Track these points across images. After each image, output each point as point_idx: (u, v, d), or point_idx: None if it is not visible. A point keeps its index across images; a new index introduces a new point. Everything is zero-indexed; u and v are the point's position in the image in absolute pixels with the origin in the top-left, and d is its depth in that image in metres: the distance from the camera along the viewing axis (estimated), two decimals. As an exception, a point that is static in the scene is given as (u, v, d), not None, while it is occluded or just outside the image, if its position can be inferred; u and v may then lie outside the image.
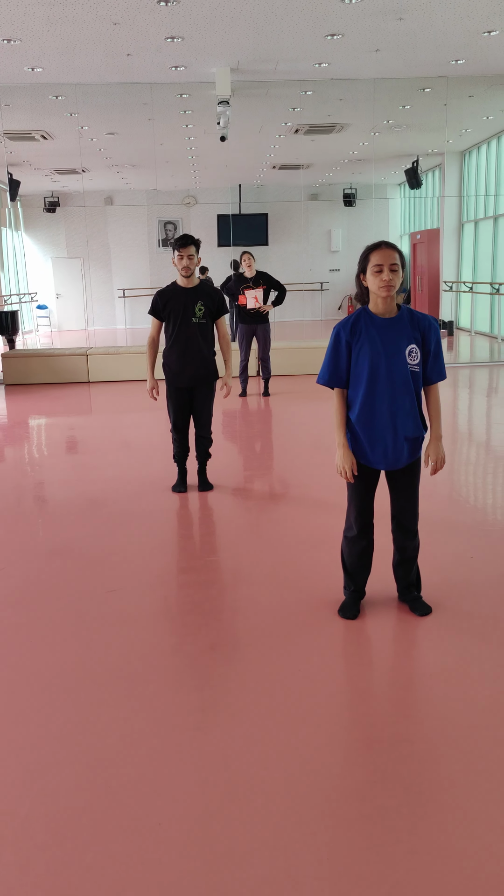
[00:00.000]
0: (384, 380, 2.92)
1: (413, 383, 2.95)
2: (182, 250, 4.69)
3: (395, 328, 2.93)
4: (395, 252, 2.86)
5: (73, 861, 1.91)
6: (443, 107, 11.07)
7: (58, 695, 2.68)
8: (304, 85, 9.83)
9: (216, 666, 2.84)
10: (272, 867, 1.87)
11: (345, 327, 2.96)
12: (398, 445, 2.97)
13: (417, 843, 1.93)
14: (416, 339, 2.95)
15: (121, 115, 10.86)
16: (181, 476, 5.13)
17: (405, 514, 3.12)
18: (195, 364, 4.83)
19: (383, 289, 2.86)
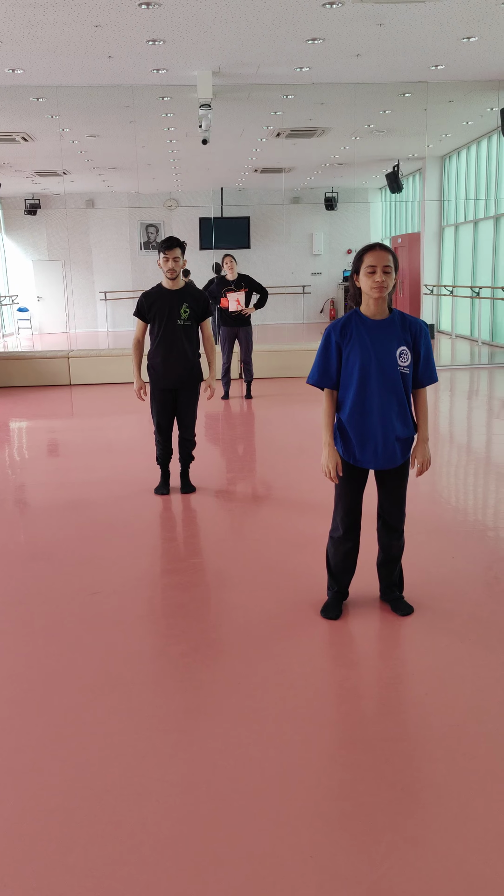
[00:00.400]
0: (374, 381, 2.94)
1: (402, 385, 2.98)
2: (167, 252, 4.69)
3: (386, 330, 2.96)
4: (388, 254, 2.89)
5: (56, 862, 1.91)
6: (423, 112, 11.16)
7: (41, 697, 2.67)
8: (285, 89, 9.87)
9: (200, 667, 2.84)
10: (256, 866, 1.88)
11: (335, 329, 2.98)
12: (388, 445, 3.00)
13: (399, 840, 1.95)
14: (407, 341, 2.98)
15: (102, 117, 10.84)
16: (164, 478, 5.13)
17: (392, 514, 3.14)
18: (180, 366, 4.84)
19: (375, 289, 2.89)
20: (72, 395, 9.69)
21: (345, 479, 3.07)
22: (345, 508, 3.12)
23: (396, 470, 3.09)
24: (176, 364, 4.82)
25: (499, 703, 2.54)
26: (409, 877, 1.83)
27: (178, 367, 4.84)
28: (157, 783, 2.20)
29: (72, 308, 18.77)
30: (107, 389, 9.88)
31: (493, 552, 3.89)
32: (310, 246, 19.32)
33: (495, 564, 3.73)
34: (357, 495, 3.11)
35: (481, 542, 4.03)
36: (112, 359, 10.45)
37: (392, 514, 3.15)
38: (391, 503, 3.14)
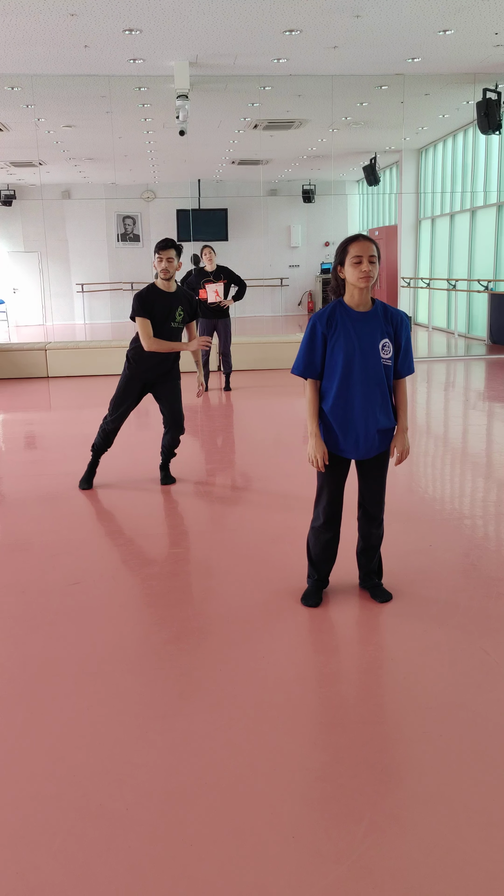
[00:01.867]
0: (358, 372, 2.97)
1: (385, 377, 3.02)
2: (161, 253, 4.72)
3: (369, 322, 2.99)
4: (372, 244, 2.93)
5: (40, 847, 1.92)
6: (400, 104, 11.21)
7: (23, 687, 2.68)
8: (262, 80, 9.86)
9: (182, 655, 2.86)
10: (239, 846, 1.91)
11: (321, 319, 3.00)
12: (370, 436, 3.03)
13: (379, 818, 1.99)
14: (389, 333, 3.02)
15: (78, 107, 10.76)
16: (92, 470, 5.10)
17: (372, 504, 3.18)
18: (167, 363, 4.92)
19: (363, 279, 2.91)
20: (49, 387, 9.64)
21: (328, 470, 3.11)
22: (327, 498, 3.15)
23: (377, 460, 3.13)
24: (165, 362, 4.89)
25: (475, 685, 2.59)
26: (389, 854, 1.87)
27: (166, 364, 4.90)
28: (140, 769, 2.22)
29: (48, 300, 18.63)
30: (84, 382, 9.83)
31: (470, 540, 3.95)
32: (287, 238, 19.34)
33: (472, 552, 3.79)
34: (339, 485, 3.14)
35: (458, 531, 4.09)
36: (90, 351, 10.40)
37: (372, 504, 3.19)
38: (372, 493, 3.18)
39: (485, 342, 12.82)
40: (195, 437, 6.66)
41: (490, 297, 12.49)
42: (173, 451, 5.16)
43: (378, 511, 3.20)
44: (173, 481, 5.14)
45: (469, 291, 13.38)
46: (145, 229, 18.87)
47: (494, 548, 3.86)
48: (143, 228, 18.88)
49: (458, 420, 7.05)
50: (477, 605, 3.21)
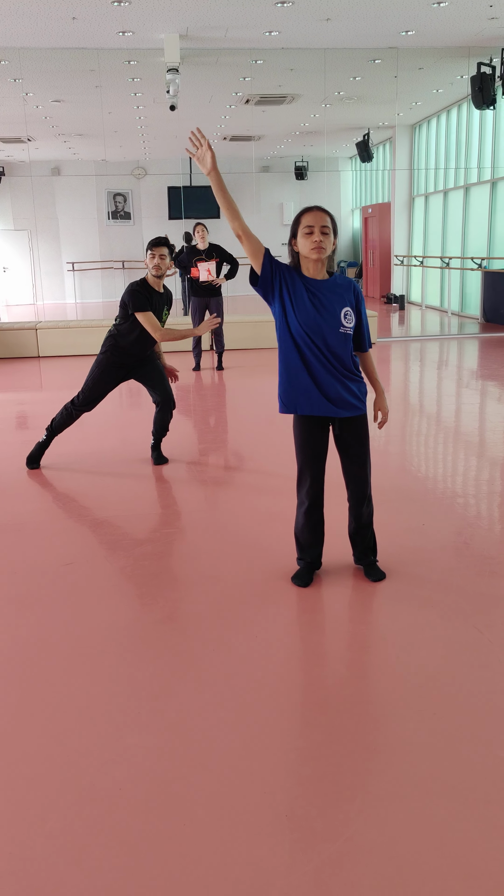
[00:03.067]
0: (320, 342, 2.93)
1: (346, 346, 2.99)
2: (155, 249, 4.70)
3: (331, 290, 2.96)
4: (326, 215, 2.88)
5: (33, 827, 1.92)
6: (393, 79, 11.07)
7: (16, 667, 2.67)
8: (254, 54, 9.71)
9: (174, 636, 2.86)
10: (232, 826, 1.91)
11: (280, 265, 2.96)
12: (340, 396, 2.98)
13: (373, 798, 1.99)
14: (351, 302, 2.99)
15: (67, 81, 10.58)
16: (43, 449, 5.06)
17: (358, 480, 3.15)
18: (146, 350, 4.92)
19: (314, 251, 2.86)
20: (40, 367, 9.57)
21: (306, 447, 3.07)
22: (310, 480, 3.12)
23: (354, 431, 3.08)
24: (144, 349, 4.90)
25: (466, 664, 2.60)
26: (382, 832, 1.87)
27: (145, 352, 4.92)
28: (134, 749, 2.22)
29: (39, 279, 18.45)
30: (76, 361, 9.76)
31: (463, 518, 3.95)
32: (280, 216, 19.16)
33: (465, 530, 3.79)
34: (320, 466, 3.11)
35: (451, 509, 4.09)
36: (81, 330, 10.32)
37: (358, 480, 3.15)
38: (357, 468, 3.13)
39: (478, 320, 12.78)
40: (188, 416, 6.63)
41: (483, 275, 12.43)
42: (166, 429, 5.13)
43: (365, 488, 3.17)
44: (166, 461, 5.12)
45: (462, 269, 13.32)
46: (136, 207, 18.67)
47: (487, 526, 3.86)
48: (134, 206, 18.68)
49: (451, 399, 7.04)
50: (469, 583, 3.21)
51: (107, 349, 4.85)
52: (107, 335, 4.88)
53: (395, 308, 15.37)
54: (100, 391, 4.89)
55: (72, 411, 4.93)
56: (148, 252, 4.73)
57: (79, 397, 4.90)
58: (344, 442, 3.12)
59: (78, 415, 4.95)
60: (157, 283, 4.77)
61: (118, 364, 4.86)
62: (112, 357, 4.84)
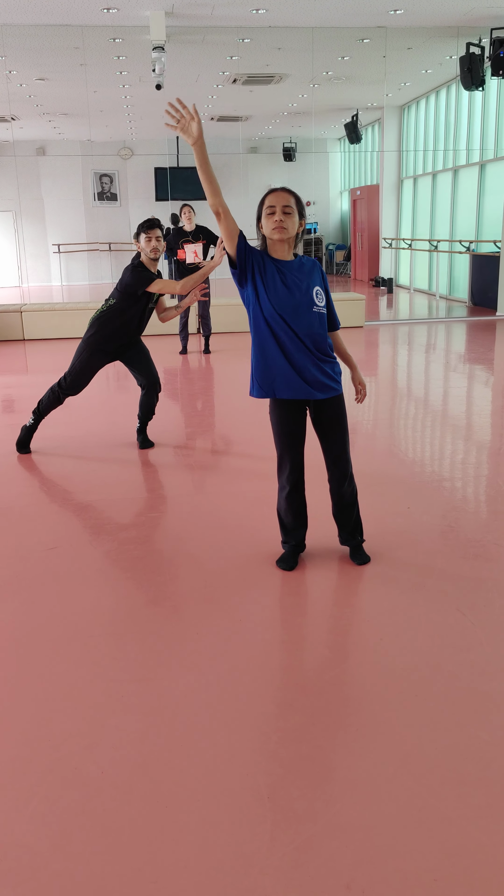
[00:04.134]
0: (294, 322, 2.90)
1: (322, 325, 2.97)
2: (150, 232, 4.62)
3: (299, 270, 2.94)
4: (290, 196, 2.86)
5: (14, 810, 1.92)
6: (382, 59, 10.97)
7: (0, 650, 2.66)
8: (241, 32, 9.58)
9: (158, 619, 2.85)
10: (214, 808, 1.92)
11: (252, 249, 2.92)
12: (314, 373, 2.96)
13: (354, 779, 2.00)
14: (319, 282, 2.98)
15: (51, 59, 10.41)
16: (31, 432, 5.02)
17: (339, 460, 3.13)
18: (135, 336, 4.89)
19: (276, 230, 2.84)
20: (25, 350, 9.49)
21: (284, 432, 3.07)
22: (290, 465, 3.11)
23: (334, 412, 3.07)
24: (130, 337, 4.86)
25: (450, 646, 2.61)
26: (363, 813, 1.89)
27: (134, 337, 4.88)
28: (116, 731, 2.22)
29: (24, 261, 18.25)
30: (61, 344, 9.68)
31: (448, 502, 3.96)
32: (268, 198, 19.01)
33: (449, 514, 3.80)
34: (298, 450, 3.10)
35: (437, 493, 4.10)
36: (67, 313, 10.23)
37: (339, 461, 3.13)
38: (337, 448, 3.11)
39: (466, 304, 12.77)
40: (174, 400, 6.60)
41: (471, 258, 12.41)
42: (152, 412, 5.10)
43: (346, 467, 3.15)
44: (151, 445, 5.10)
45: (451, 252, 13.29)
46: (123, 188, 18.47)
47: (473, 510, 3.88)
48: (120, 187, 18.48)
49: (439, 383, 7.04)
50: (453, 566, 3.22)
51: (91, 333, 4.79)
52: (92, 318, 4.82)
53: (384, 291, 15.33)
54: (86, 376, 4.85)
55: (59, 394, 4.89)
56: (143, 235, 4.62)
57: (65, 380, 4.86)
58: (322, 424, 3.10)
59: (64, 397, 4.92)
60: (153, 266, 4.71)
61: (103, 350, 4.81)
62: (97, 342, 4.79)
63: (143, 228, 4.64)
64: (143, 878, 1.72)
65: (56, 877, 1.73)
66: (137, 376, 5.00)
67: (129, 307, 4.71)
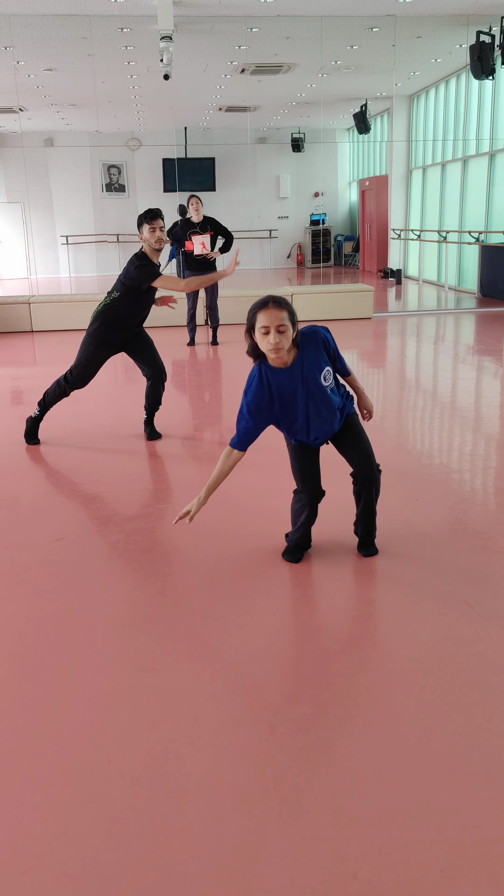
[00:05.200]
0: (311, 409, 2.95)
1: (334, 397, 3.00)
2: (154, 222, 4.60)
3: (301, 369, 2.89)
4: (282, 311, 2.71)
5: (21, 799, 1.93)
6: (391, 48, 10.87)
7: (7, 642, 2.67)
8: (249, 21, 9.52)
9: (165, 610, 2.86)
10: (220, 798, 1.92)
11: (259, 399, 2.90)
12: (332, 426, 3.04)
13: (361, 770, 2.00)
14: (324, 359, 2.94)
15: (59, 49, 10.37)
16: (37, 423, 5.04)
17: (364, 466, 3.09)
18: (139, 327, 4.92)
19: (272, 351, 2.77)
20: (34, 341, 9.50)
21: (303, 467, 3.11)
22: (302, 478, 3.12)
23: (351, 430, 3.09)
24: (138, 325, 4.88)
25: (457, 638, 2.60)
26: (370, 805, 1.88)
27: (138, 328, 4.89)
28: (123, 722, 2.22)
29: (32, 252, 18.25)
30: (70, 336, 9.68)
31: (457, 494, 3.95)
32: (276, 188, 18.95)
33: (458, 506, 3.79)
34: (315, 480, 3.12)
35: (445, 485, 4.08)
36: (75, 304, 10.23)
37: (364, 465, 3.09)
38: (359, 453, 3.09)
39: (475, 295, 12.70)
40: (182, 392, 6.59)
41: (481, 249, 12.33)
42: (159, 402, 5.09)
43: (371, 470, 3.10)
44: (159, 436, 5.09)
45: (460, 243, 13.21)
46: (131, 179, 18.42)
47: (481, 502, 3.86)
48: (128, 178, 18.44)
49: (448, 374, 7.01)
50: (461, 558, 3.21)
51: (96, 326, 4.77)
52: (96, 311, 4.81)
53: (392, 282, 15.26)
54: (92, 369, 4.85)
55: (65, 388, 4.89)
56: (146, 226, 4.60)
57: (72, 373, 4.85)
58: (342, 442, 3.12)
59: (70, 391, 4.91)
60: (155, 256, 4.70)
61: (108, 343, 4.80)
62: (102, 335, 4.78)
63: (145, 219, 4.62)
64: (148, 867, 1.73)
65: (62, 866, 1.74)
66: (143, 367, 5.00)
67: (133, 300, 4.70)
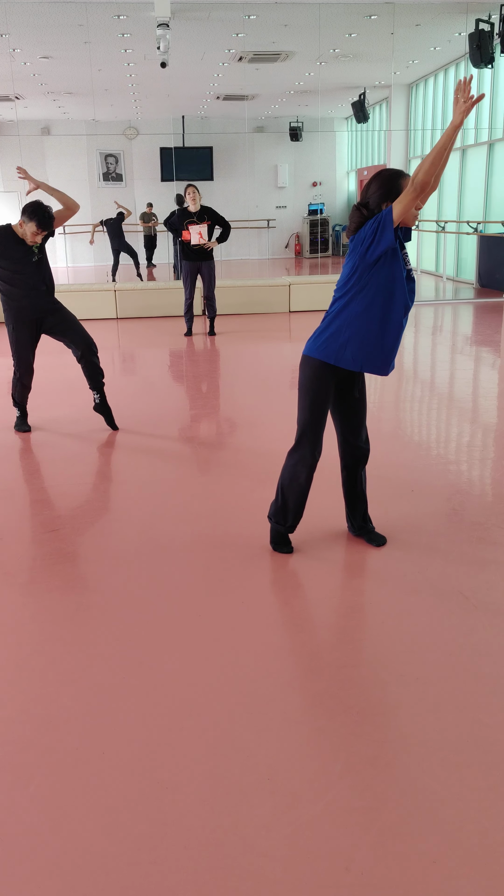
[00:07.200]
0: (411, 292, 2.85)
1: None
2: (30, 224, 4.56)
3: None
4: None
5: (15, 789, 1.93)
6: (389, 36, 10.80)
7: (2, 631, 2.67)
8: (246, 8, 9.44)
9: (160, 601, 2.85)
10: (214, 789, 1.92)
11: None
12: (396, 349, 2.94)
13: (355, 761, 2.00)
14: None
15: (55, 36, 10.29)
16: (25, 417, 5.11)
17: (362, 435, 3.10)
18: (39, 293, 4.76)
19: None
20: (31, 332, 9.45)
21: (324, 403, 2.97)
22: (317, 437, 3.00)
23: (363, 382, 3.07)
24: (33, 291, 4.72)
25: (453, 629, 2.60)
26: (364, 795, 1.89)
27: (40, 296, 4.75)
28: (117, 713, 2.22)
29: (29, 242, 18.09)
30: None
31: (453, 485, 3.94)
32: (274, 178, 18.85)
33: (454, 496, 3.78)
34: (324, 420, 3.02)
35: (442, 476, 4.08)
36: (72, 294, 10.18)
37: (362, 432, 3.09)
38: (362, 419, 3.08)
39: (473, 286, 12.66)
40: (179, 382, 6.58)
41: (479, 239, 12.28)
42: (100, 380, 4.95)
43: (366, 443, 3.13)
44: (116, 428, 5.05)
45: (458, 233, 13.16)
46: (128, 168, 18.32)
47: (478, 493, 3.86)
48: (125, 167, 18.33)
49: (445, 365, 6.99)
50: (457, 549, 3.21)
51: (3, 311, 4.77)
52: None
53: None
54: (24, 351, 4.84)
55: (17, 382, 4.96)
56: (32, 223, 4.54)
57: (14, 366, 4.91)
58: (353, 396, 3.04)
59: (26, 381, 4.94)
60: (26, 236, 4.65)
61: (21, 320, 4.75)
62: (9, 314, 4.76)
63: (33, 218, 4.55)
64: (142, 858, 1.73)
65: (57, 857, 1.74)
66: (69, 345, 4.87)
67: (9, 269, 4.64)
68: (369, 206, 2.81)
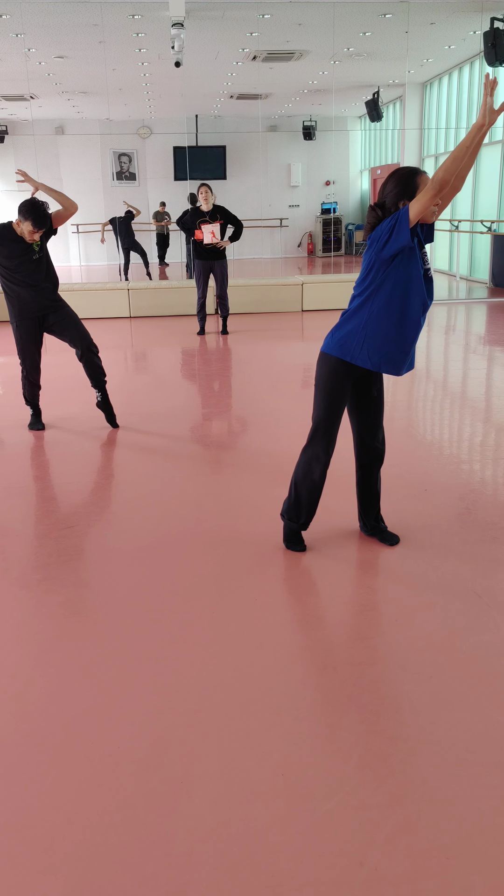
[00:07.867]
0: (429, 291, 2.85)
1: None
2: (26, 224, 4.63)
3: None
4: None
5: (31, 784, 1.95)
6: (404, 34, 10.77)
7: (15, 629, 2.69)
8: (261, 7, 9.45)
9: (173, 598, 2.87)
10: (228, 785, 1.93)
11: None
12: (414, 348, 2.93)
13: (368, 758, 2.01)
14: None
15: (70, 36, 10.33)
16: (38, 416, 5.17)
17: (379, 436, 3.11)
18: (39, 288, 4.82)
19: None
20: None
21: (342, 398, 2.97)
22: (332, 436, 3.00)
23: (382, 382, 3.08)
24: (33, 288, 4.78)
25: (465, 628, 2.60)
26: (377, 792, 1.89)
27: (41, 292, 4.81)
28: (131, 708, 2.24)
29: (43, 241, 18.18)
30: (80, 325, 9.69)
31: (466, 484, 3.94)
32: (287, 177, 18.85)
33: (467, 496, 3.78)
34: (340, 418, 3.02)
35: (455, 475, 4.07)
36: (85, 293, 10.23)
37: (379, 435, 3.11)
38: (379, 419, 3.09)
39: (486, 285, 12.61)
40: (192, 381, 6.60)
41: (493, 238, 12.23)
42: (101, 379, 4.99)
43: (383, 444, 3.14)
44: (117, 426, 5.08)
45: (472, 233, 13.11)
46: (142, 167, 18.37)
47: (491, 492, 3.85)
48: (139, 166, 18.38)
49: (459, 364, 6.98)
50: (470, 548, 3.21)
51: (8, 308, 4.82)
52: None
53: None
54: (29, 349, 4.89)
55: (27, 379, 5.00)
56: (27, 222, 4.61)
57: (21, 365, 4.95)
58: (370, 396, 3.05)
59: (34, 380, 4.99)
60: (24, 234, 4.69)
61: (25, 318, 4.80)
62: (14, 312, 4.80)
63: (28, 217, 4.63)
64: (156, 852, 1.74)
65: (72, 851, 1.76)
66: (70, 343, 4.92)
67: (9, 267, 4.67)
68: (385, 206, 2.81)
